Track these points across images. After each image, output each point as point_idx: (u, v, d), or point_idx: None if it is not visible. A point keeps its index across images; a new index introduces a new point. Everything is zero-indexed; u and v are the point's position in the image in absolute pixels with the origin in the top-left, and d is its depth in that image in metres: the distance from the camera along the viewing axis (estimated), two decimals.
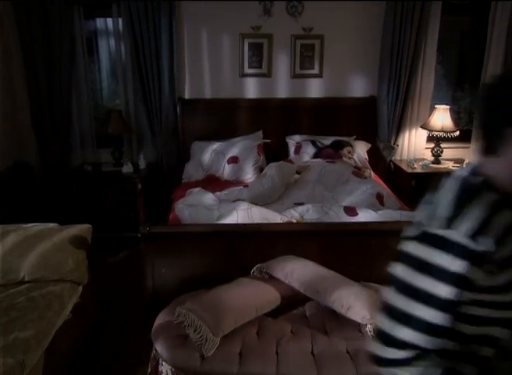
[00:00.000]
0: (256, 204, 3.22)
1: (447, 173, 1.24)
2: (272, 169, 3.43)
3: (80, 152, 4.47)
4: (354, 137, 4.48)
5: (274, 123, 4.50)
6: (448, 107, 4.25)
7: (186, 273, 2.59)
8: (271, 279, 2.34)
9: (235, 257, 2.59)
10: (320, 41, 4.38)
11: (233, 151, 4.15)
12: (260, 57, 4.41)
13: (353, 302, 2.10)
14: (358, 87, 4.52)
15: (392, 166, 4.59)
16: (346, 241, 2.61)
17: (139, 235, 3.91)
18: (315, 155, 4.16)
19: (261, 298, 2.20)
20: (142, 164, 4.28)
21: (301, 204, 3.31)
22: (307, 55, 4.43)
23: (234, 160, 4.10)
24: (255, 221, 2.75)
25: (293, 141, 4.42)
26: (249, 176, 4.02)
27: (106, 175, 4.22)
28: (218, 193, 3.26)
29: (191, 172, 4.15)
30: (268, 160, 4.24)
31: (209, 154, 4.17)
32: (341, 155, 4.09)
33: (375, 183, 3.40)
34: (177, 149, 4.50)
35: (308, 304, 2.32)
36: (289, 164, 3.55)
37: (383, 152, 4.55)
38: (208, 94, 4.49)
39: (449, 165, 4.33)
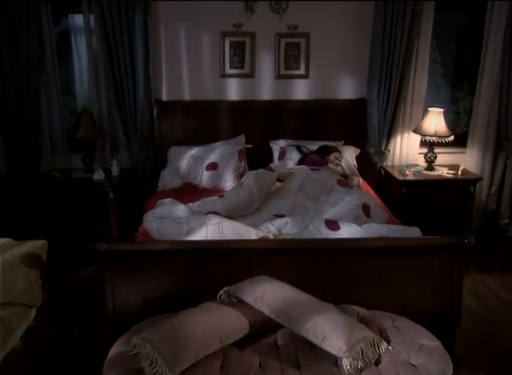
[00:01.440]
0: (231, 217, 3.05)
1: (441, 181, 1.05)
2: (249, 178, 3.25)
3: (50, 158, 4.28)
4: (343, 141, 4.31)
5: (257, 127, 4.33)
6: (442, 110, 4.08)
7: (150, 296, 2.40)
8: (239, 303, 2.15)
9: (203, 278, 2.40)
10: (306, 40, 4.21)
11: (212, 157, 3.97)
12: (242, 57, 4.23)
13: (329, 332, 1.92)
14: (347, 89, 4.35)
15: (383, 173, 4.41)
16: (326, 259, 2.43)
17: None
18: (300, 162, 3.98)
19: (226, 326, 2.02)
20: (115, 171, 4.09)
21: (281, 216, 3.13)
22: (292, 55, 4.26)
23: (213, 167, 3.92)
24: (227, 237, 2.56)
25: (277, 146, 4.25)
26: (229, 183, 3.83)
27: (76, 182, 4.02)
28: (190, 204, 3.07)
29: (167, 179, 3.97)
30: (251, 166, 4.06)
31: (187, 160, 3.98)
32: (327, 162, 3.92)
33: (361, 193, 3.22)
34: (154, 155, 4.32)
35: (281, 331, 2.13)
36: (268, 172, 3.37)
37: (373, 158, 4.38)
38: (186, 95, 4.32)
39: (443, 171, 4.16)
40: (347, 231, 2.68)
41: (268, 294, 2.10)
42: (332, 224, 2.73)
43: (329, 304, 2.24)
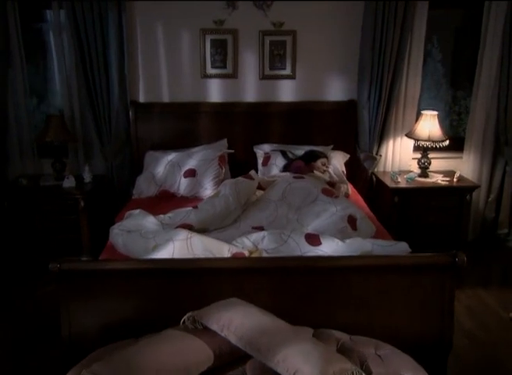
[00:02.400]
0: (206, 229, 2.89)
1: (435, 189, 0.89)
2: (226, 187, 3.09)
3: (19, 163, 4.11)
4: (331, 146, 4.15)
5: (240, 131, 4.18)
6: (436, 113, 3.93)
7: (110, 319, 2.24)
8: (205, 331, 1.98)
9: (167, 300, 2.24)
10: (292, 38, 4.05)
11: (191, 163, 3.80)
12: (224, 56, 4.08)
13: (302, 365, 1.74)
14: (336, 90, 4.20)
15: (375, 180, 4.25)
16: (304, 278, 2.27)
17: (83, 259, 3.60)
18: (285, 168, 3.82)
19: (188, 358, 1.84)
20: (87, 177, 3.92)
21: (261, 228, 2.97)
22: (277, 54, 4.10)
23: (191, 173, 3.76)
24: (196, 254, 2.39)
25: (261, 151, 4.09)
26: (208, 192, 3.67)
27: (44, 190, 3.84)
28: (161, 216, 2.90)
29: (142, 187, 3.80)
30: (234, 173, 3.91)
31: (163, 166, 3.82)
32: (313, 168, 3.75)
33: (347, 203, 3.06)
34: (130, 160, 4.16)
35: (251, 362, 1.95)
36: (247, 181, 3.20)
37: (364, 164, 4.22)
38: (165, 97, 4.16)
39: (438, 178, 4.00)
40: (329, 247, 2.51)
41: (235, 321, 1.93)
42: (313, 239, 2.56)
43: (307, 329, 2.08)
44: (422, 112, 3.99)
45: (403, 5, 3.83)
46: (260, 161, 4.04)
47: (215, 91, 4.15)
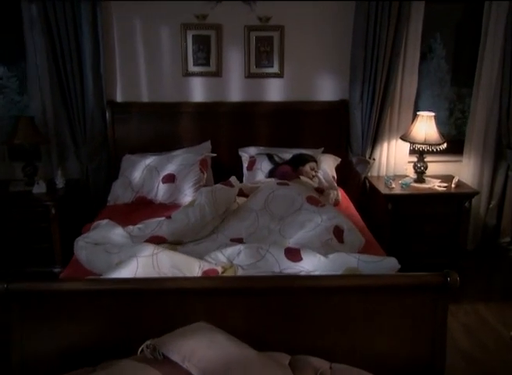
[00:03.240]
0: (180, 242, 2.72)
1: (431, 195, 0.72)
2: (201, 195, 2.91)
3: None
4: (322, 149, 3.99)
5: (225, 133, 4.03)
6: (433, 114, 3.76)
7: (65, 346, 2.06)
8: (166, 361, 1.81)
9: (129, 324, 2.06)
10: (279, 34, 3.89)
11: (170, 168, 3.64)
12: (207, 52, 3.91)
13: None
14: (326, 90, 4.04)
15: (368, 185, 4.08)
16: (281, 299, 2.10)
17: (55, 270, 3.43)
18: (271, 173, 3.65)
19: None
20: (60, 182, 3.75)
21: (239, 240, 2.81)
22: (264, 51, 3.94)
23: (170, 179, 3.59)
24: (162, 272, 2.22)
25: (246, 155, 3.92)
26: (188, 198, 3.48)
27: (14, 196, 3.67)
28: (130, 227, 2.73)
29: (118, 193, 3.64)
30: (217, 178, 3.76)
31: (140, 171, 3.65)
32: (301, 173, 3.59)
33: (334, 212, 2.89)
34: (107, 163, 4.00)
35: None
36: (226, 188, 3.03)
37: (356, 168, 4.05)
38: (144, 96, 4.00)
39: (435, 184, 3.83)
40: (310, 263, 2.35)
41: (198, 352, 1.76)
42: (293, 254, 2.39)
43: (282, 356, 1.92)
44: (418, 113, 3.82)
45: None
46: (245, 165, 3.87)
47: (198, 90, 4.00)
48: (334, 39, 3.91)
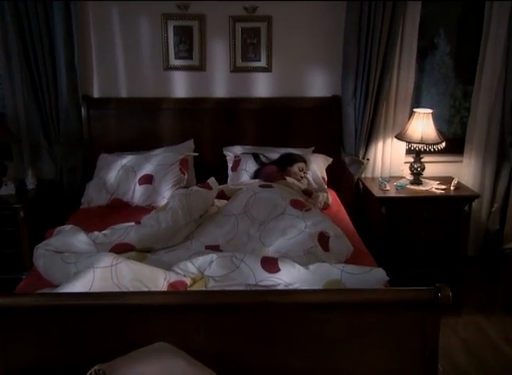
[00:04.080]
0: (151, 249, 2.54)
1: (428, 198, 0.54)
2: (175, 198, 2.73)
3: None
4: (312, 148, 3.81)
5: (209, 131, 3.85)
6: (430, 111, 3.56)
7: (11, 368, 1.88)
8: None
9: (79, 345, 1.88)
10: (267, 25, 3.70)
11: (148, 168, 3.46)
12: (189, 45, 3.73)
13: None
14: (317, 85, 3.84)
15: (362, 187, 3.89)
16: (253, 317, 1.91)
17: (24, 277, 3.23)
18: (256, 174, 3.47)
19: None
20: (30, 183, 3.58)
21: (216, 247, 2.62)
22: (250, 43, 3.75)
23: (148, 180, 3.41)
24: (122, 285, 2.03)
25: (231, 154, 3.74)
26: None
27: None
28: (95, 233, 2.54)
29: (92, 194, 3.46)
30: (200, 179, 3.56)
31: (116, 171, 3.47)
32: (289, 174, 3.41)
33: (320, 217, 2.69)
34: (83, 163, 3.82)
35: None
36: (203, 191, 2.84)
37: (350, 168, 3.86)
38: (123, 92, 3.83)
39: (433, 186, 3.64)
40: (288, 275, 2.16)
41: None
42: (270, 264, 2.21)
43: None
44: (415, 110, 3.62)
45: None
46: (230, 165, 3.69)
47: (180, 85, 3.81)
48: (326, 30, 3.71)
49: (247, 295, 1.94)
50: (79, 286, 1.98)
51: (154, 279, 2.09)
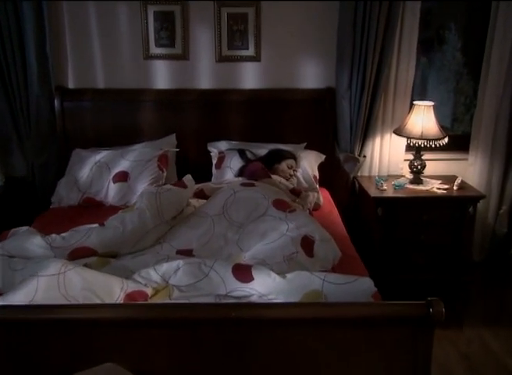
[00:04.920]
0: (116, 254, 2.34)
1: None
2: (142, 198, 2.52)
3: None
4: (304, 144, 3.61)
5: (193, 124, 3.66)
6: (432, 103, 3.35)
7: None
8: None
9: (23, 363, 1.68)
10: (255, 10, 3.50)
11: (123, 165, 3.26)
12: (171, 31, 3.54)
13: None
14: (310, 76, 3.64)
15: (357, 186, 3.68)
16: (218, 334, 1.71)
17: None
18: (240, 172, 3.26)
19: None
20: None
21: (189, 252, 2.42)
22: (237, 30, 3.56)
23: (122, 177, 3.21)
24: (71, 295, 1.83)
25: (215, 150, 3.54)
26: None
27: None
28: (53, 236, 2.33)
29: (63, 193, 3.27)
30: (182, 177, 3.35)
31: (89, 167, 3.28)
32: (276, 172, 3.21)
33: (305, 219, 2.48)
34: (57, 159, 3.63)
35: None
36: (176, 190, 2.63)
37: (345, 166, 3.65)
38: (100, 82, 3.65)
39: (434, 185, 3.42)
40: (262, 284, 1.95)
41: None
42: (243, 273, 2.00)
43: None
44: (415, 102, 3.41)
45: None
46: (214, 162, 3.49)
47: (161, 76, 3.63)
48: (319, 17, 3.51)
49: (212, 309, 1.73)
50: (20, 296, 1.77)
51: (108, 289, 1.88)
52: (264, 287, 1.95)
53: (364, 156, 3.66)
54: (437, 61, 3.92)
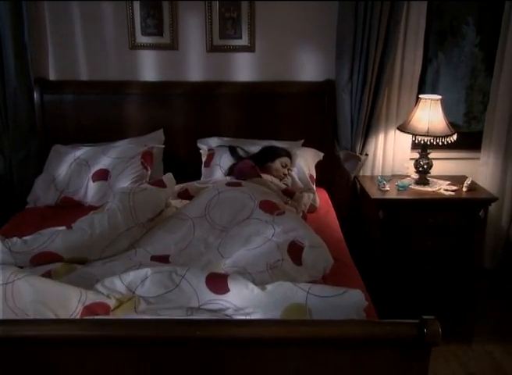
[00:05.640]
0: (85, 260, 2.17)
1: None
2: (114, 199, 2.35)
3: None
4: (302, 141, 3.45)
5: (182, 119, 3.50)
6: (439, 97, 3.16)
7: None
8: None
9: None
10: None
11: (104, 162, 3.10)
12: (159, 19, 3.39)
13: None
14: (308, 67, 3.48)
15: (359, 187, 3.49)
16: (185, 355, 1.54)
17: None
18: (231, 170, 3.09)
19: None
20: None
21: (165, 258, 2.25)
22: (230, 17, 3.40)
23: (102, 175, 3.06)
24: (19, 308, 1.66)
25: (205, 147, 3.37)
26: None
27: None
28: (14, 239, 2.17)
29: (40, 192, 3.13)
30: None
31: (67, 165, 3.13)
32: (268, 171, 3.03)
33: (294, 223, 2.29)
34: (37, 156, 3.49)
35: None
36: (152, 189, 2.46)
37: (345, 165, 3.47)
38: (83, 74, 3.53)
39: (442, 187, 3.22)
40: (239, 296, 1.77)
41: None
42: (218, 283, 1.82)
43: None
44: (421, 96, 3.22)
45: None
46: (203, 160, 3.32)
47: (148, 67, 3.49)
48: (318, 4, 3.34)
49: (177, 326, 1.54)
50: None
51: (64, 300, 1.71)
52: (241, 299, 1.77)
53: (366, 154, 3.48)
54: (454, 56, 3.76)
